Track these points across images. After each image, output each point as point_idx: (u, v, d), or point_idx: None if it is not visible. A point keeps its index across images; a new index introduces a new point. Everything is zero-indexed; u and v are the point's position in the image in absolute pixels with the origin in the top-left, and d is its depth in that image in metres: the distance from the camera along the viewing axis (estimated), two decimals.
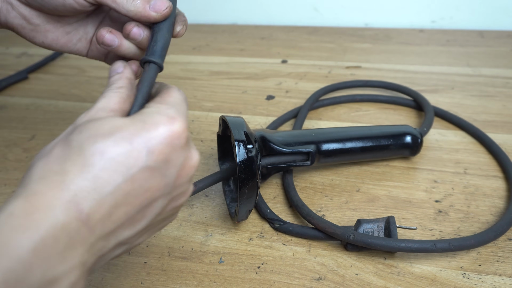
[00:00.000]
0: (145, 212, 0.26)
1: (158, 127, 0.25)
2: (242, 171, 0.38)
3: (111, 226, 0.24)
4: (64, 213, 0.22)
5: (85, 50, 0.42)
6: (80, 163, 0.23)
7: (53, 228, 0.21)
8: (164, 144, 0.25)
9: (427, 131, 0.55)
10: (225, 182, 0.48)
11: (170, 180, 0.26)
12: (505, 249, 0.41)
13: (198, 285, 0.39)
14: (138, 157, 0.24)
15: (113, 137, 0.24)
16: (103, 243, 0.24)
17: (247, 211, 0.42)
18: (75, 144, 0.24)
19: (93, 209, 0.23)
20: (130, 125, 0.25)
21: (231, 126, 0.40)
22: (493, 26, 0.93)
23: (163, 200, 0.27)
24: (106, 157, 0.23)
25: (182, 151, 0.26)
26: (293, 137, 0.47)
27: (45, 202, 0.21)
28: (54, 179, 0.22)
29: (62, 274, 0.21)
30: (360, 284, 0.38)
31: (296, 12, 1.02)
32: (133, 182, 0.24)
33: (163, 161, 0.25)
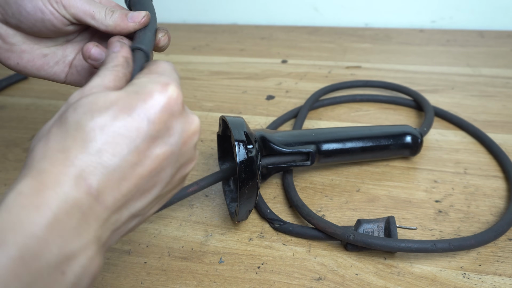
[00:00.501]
0: (155, 181, 0.26)
1: (153, 95, 0.25)
2: (242, 171, 0.38)
3: (122, 199, 0.24)
4: (74, 189, 0.21)
5: (63, 74, 0.41)
6: (80, 139, 0.23)
7: (65, 204, 0.21)
8: (163, 112, 0.25)
9: (427, 131, 0.55)
10: (225, 182, 0.48)
11: (175, 148, 0.26)
12: (505, 249, 0.41)
13: (198, 285, 0.39)
14: (139, 128, 0.24)
15: (110, 111, 0.23)
16: (116, 216, 0.24)
17: (247, 211, 0.42)
18: (71, 121, 0.23)
19: (102, 183, 0.22)
20: (125, 97, 0.24)
21: (231, 126, 0.40)
22: (493, 26, 0.93)
23: (171, 169, 0.26)
24: (107, 131, 0.23)
25: (181, 116, 0.26)
26: (293, 137, 0.47)
27: (52, 179, 0.21)
28: (58, 156, 0.22)
29: (78, 249, 0.21)
30: (360, 284, 0.38)
31: (296, 12, 1.02)
32: (138, 153, 0.24)
33: (165, 129, 0.25)
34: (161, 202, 0.29)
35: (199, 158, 0.56)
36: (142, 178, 0.24)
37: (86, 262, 0.21)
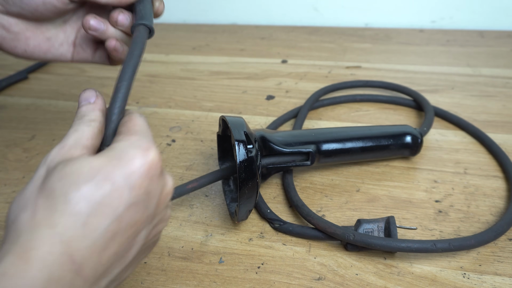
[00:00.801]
0: (131, 245, 0.26)
1: (134, 161, 0.25)
2: (242, 171, 0.38)
3: (101, 269, 0.24)
4: (59, 267, 0.22)
5: (69, 53, 0.42)
6: (68, 213, 0.23)
7: (48, 282, 0.21)
8: (143, 178, 0.25)
9: (427, 131, 0.55)
10: (225, 182, 0.48)
11: (151, 210, 0.26)
12: (505, 249, 0.41)
13: (198, 285, 0.39)
14: (121, 196, 0.24)
15: (95, 180, 0.24)
16: (95, 286, 0.24)
17: (247, 211, 0.42)
18: (58, 193, 0.23)
19: (85, 257, 0.23)
20: (108, 164, 0.24)
21: (231, 126, 0.40)
22: (493, 26, 0.93)
23: (146, 230, 0.27)
24: (92, 202, 0.23)
25: (159, 180, 0.27)
26: (293, 137, 0.47)
27: (40, 257, 0.21)
28: (46, 232, 0.22)
29: None
30: (360, 284, 0.38)
31: (296, 12, 1.02)
32: (119, 222, 0.24)
33: (144, 194, 0.25)
34: (136, 263, 0.29)
35: (199, 158, 0.56)
36: (121, 245, 0.25)
37: None
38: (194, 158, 0.56)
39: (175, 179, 0.52)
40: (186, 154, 0.57)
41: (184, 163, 0.55)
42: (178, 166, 0.54)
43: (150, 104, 0.69)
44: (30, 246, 0.22)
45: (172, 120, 0.64)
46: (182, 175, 0.53)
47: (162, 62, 0.85)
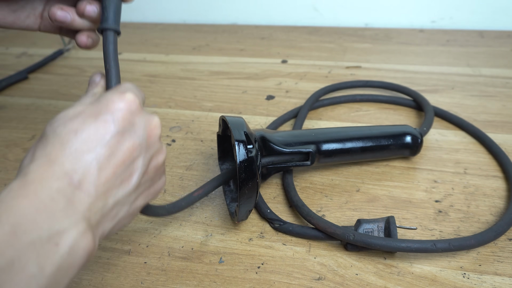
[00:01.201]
0: (131, 171, 0.30)
1: (114, 101, 0.29)
2: (242, 171, 0.38)
3: (102, 187, 0.27)
4: (57, 181, 0.25)
5: (36, 25, 0.43)
6: (59, 144, 0.27)
7: (50, 192, 0.25)
8: (124, 111, 0.29)
9: (427, 131, 0.55)
10: None
11: (141, 139, 0.30)
12: (505, 249, 0.41)
13: (198, 285, 0.39)
14: (106, 127, 0.28)
15: (79, 118, 0.28)
16: (101, 202, 0.28)
17: (247, 211, 0.42)
18: (49, 132, 0.28)
19: (81, 174, 0.26)
20: (90, 106, 0.29)
21: (231, 126, 0.40)
22: (493, 26, 0.93)
23: (143, 159, 0.30)
24: (80, 133, 0.27)
25: (141, 114, 0.31)
26: (293, 137, 0.47)
27: (38, 176, 0.25)
28: (42, 160, 0.26)
29: (68, 226, 0.25)
30: (360, 284, 0.38)
31: (296, 12, 1.02)
32: (110, 147, 0.28)
33: (129, 125, 0.29)
34: (145, 194, 0.33)
35: (199, 158, 0.56)
36: (117, 167, 0.28)
37: (77, 236, 0.25)
38: (194, 158, 0.56)
39: (175, 179, 0.52)
40: (186, 154, 0.57)
41: (184, 163, 0.55)
42: (178, 166, 0.54)
43: (150, 104, 0.69)
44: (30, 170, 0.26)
45: (172, 120, 0.64)
46: (182, 175, 0.53)
47: (162, 62, 0.85)
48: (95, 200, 0.27)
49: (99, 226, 0.28)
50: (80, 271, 0.27)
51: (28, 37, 1.02)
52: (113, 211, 0.29)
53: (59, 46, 0.92)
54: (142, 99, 0.33)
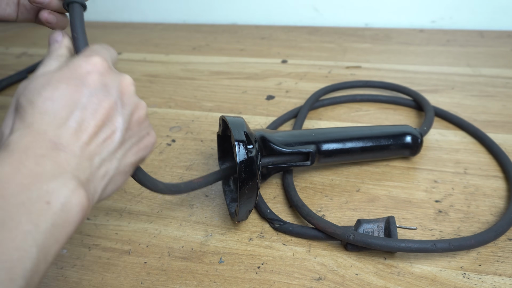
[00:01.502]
0: (111, 128, 0.30)
1: (81, 65, 0.30)
2: (242, 171, 0.38)
3: (86, 147, 0.28)
4: (41, 149, 0.26)
5: (15, 13, 0.43)
6: (38, 113, 0.27)
7: (35, 158, 0.25)
8: (92, 74, 0.30)
9: (427, 130, 0.55)
10: (225, 182, 0.48)
11: (116, 97, 0.31)
12: (505, 249, 0.41)
13: (198, 285, 0.39)
14: (79, 91, 0.29)
15: (51, 84, 0.28)
16: (88, 162, 0.28)
17: (247, 211, 0.42)
18: (24, 103, 0.28)
19: (63, 138, 0.27)
20: (59, 72, 0.29)
21: (231, 126, 0.40)
22: (493, 26, 0.93)
23: (122, 115, 0.31)
24: (54, 100, 0.28)
25: (111, 74, 0.31)
26: (293, 137, 0.47)
27: (22, 147, 0.26)
28: (23, 132, 0.27)
29: (58, 186, 0.25)
30: (360, 284, 0.38)
31: (296, 12, 1.02)
32: (86, 109, 0.29)
33: (101, 86, 0.30)
34: (136, 150, 0.33)
35: (199, 158, 0.56)
36: (97, 126, 0.29)
37: (69, 193, 0.26)
38: (194, 158, 0.56)
39: (175, 179, 0.52)
40: (186, 154, 0.57)
41: (184, 163, 0.55)
42: (178, 166, 0.54)
43: (150, 104, 0.69)
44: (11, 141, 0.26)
45: (172, 120, 0.64)
46: (182, 175, 0.53)
47: (162, 62, 0.85)
48: (81, 159, 0.28)
49: (90, 184, 0.29)
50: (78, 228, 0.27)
51: (28, 37, 1.02)
52: (102, 169, 0.30)
53: None
54: (112, 59, 0.33)
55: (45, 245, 0.24)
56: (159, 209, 0.48)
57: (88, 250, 0.43)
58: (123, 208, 0.48)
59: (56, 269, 0.41)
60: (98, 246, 0.43)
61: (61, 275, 0.41)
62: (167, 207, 0.48)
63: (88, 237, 0.45)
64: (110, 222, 0.46)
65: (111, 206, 0.49)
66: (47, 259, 0.24)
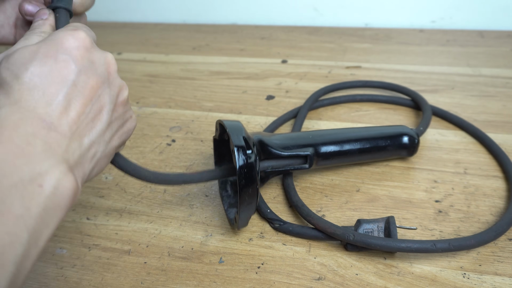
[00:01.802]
0: (99, 108, 0.30)
1: (67, 39, 0.29)
2: (242, 177, 0.37)
3: (74, 126, 0.28)
4: (31, 126, 0.25)
5: (11, 36, 0.42)
6: (25, 89, 0.26)
7: (25, 137, 0.25)
8: (81, 50, 0.29)
9: (424, 130, 0.55)
10: (222, 187, 0.48)
11: (103, 76, 0.30)
12: (505, 249, 0.41)
13: (198, 285, 0.39)
14: (68, 67, 0.28)
15: (37, 59, 0.27)
16: (76, 143, 0.28)
17: (248, 217, 0.41)
18: (10, 79, 0.27)
19: (53, 116, 0.26)
20: (44, 45, 0.28)
21: (229, 131, 0.39)
22: (493, 26, 0.93)
23: (109, 95, 0.31)
24: (42, 75, 0.27)
25: (96, 51, 0.31)
26: (290, 140, 0.46)
27: (11, 124, 0.25)
28: (12, 108, 0.26)
29: (49, 167, 0.25)
30: (360, 284, 0.38)
31: (296, 12, 1.02)
32: (75, 86, 0.28)
33: (88, 62, 0.29)
34: (120, 133, 0.33)
35: (199, 158, 0.56)
36: (86, 105, 0.28)
37: (60, 176, 0.25)
38: (194, 158, 0.56)
39: None
40: (186, 154, 0.57)
41: (184, 163, 0.55)
42: (178, 166, 0.54)
43: (150, 104, 0.69)
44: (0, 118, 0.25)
45: (172, 120, 0.64)
46: None
47: (162, 62, 0.85)
48: (71, 141, 0.27)
49: (79, 167, 0.28)
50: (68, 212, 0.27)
51: None
52: (91, 151, 0.29)
53: None
54: (93, 38, 0.33)
55: (36, 229, 0.23)
56: (159, 209, 0.48)
57: (88, 250, 0.43)
58: (123, 208, 0.48)
59: (56, 269, 0.41)
60: (98, 246, 0.43)
61: (61, 275, 0.41)
62: (167, 207, 0.48)
63: (88, 237, 0.45)
64: (110, 222, 0.46)
65: (111, 206, 0.49)
66: (38, 244, 0.24)
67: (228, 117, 0.65)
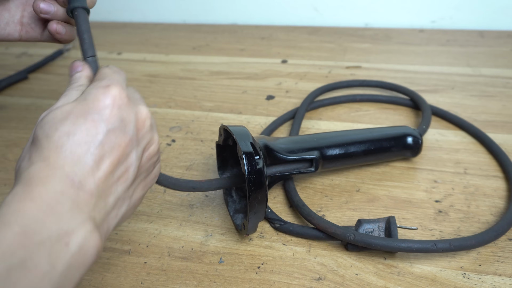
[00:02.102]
0: (126, 166, 0.30)
1: (99, 98, 0.29)
2: (252, 184, 0.37)
3: (102, 185, 0.28)
4: (60, 184, 0.26)
5: (17, 33, 0.43)
6: (54, 147, 0.27)
7: (54, 195, 0.25)
8: (112, 108, 0.29)
9: (427, 129, 0.55)
10: (227, 192, 0.47)
11: (132, 134, 0.31)
12: (505, 249, 0.41)
13: (198, 285, 0.39)
14: (97, 127, 0.28)
15: (69, 119, 0.28)
16: (103, 201, 0.28)
17: (257, 223, 0.41)
18: (41, 136, 0.28)
19: (80, 176, 0.27)
20: (77, 106, 0.29)
21: (236, 138, 0.39)
22: (493, 26, 0.93)
23: (135, 152, 0.31)
24: (72, 136, 0.28)
25: (129, 108, 0.31)
26: (295, 144, 0.46)
27: (40, 180, 0.26)
28: (41, 165, 0.27)
29: (76, 226, 0.25)
30: (360, 284, 0.38)
31: (296, 12, 1.02)
32: (103, 146, 0.28)
33: (118, 121, 0.30)
34: (143, 185, 0.34)
35: (199, 158, 0.56)
36: (113, 165, 0.29)
37: (86, 234, 0.26)
38: (194, 158, 0.56)
39: None
40: (186, 154, 0.57)
41: (184, 163, 0.55)
42: (178, 166, 0.54)
43: (150, 104, 0.69)
44: (31, 176, 0.26)
45: (172, 120, 0.64)
46: (182, 175, 0.53)
47: (162, 62, 0.85)
48: (97, 200, 0.28)
49: (104, 224, 0.29)
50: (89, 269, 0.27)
51: None
52: (115, 209, 0.30)
53: (59, 46, 0.92)
54: (125, 81, 0.33)
55: (60, 285, 0.24)
56: (159, 209, 0.48)
57: None
58: None
59: None
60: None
61: None
62: (167, 207, 0.48)
63: None
64: None
65: None
66: None
67: (228, 117, 0.65)
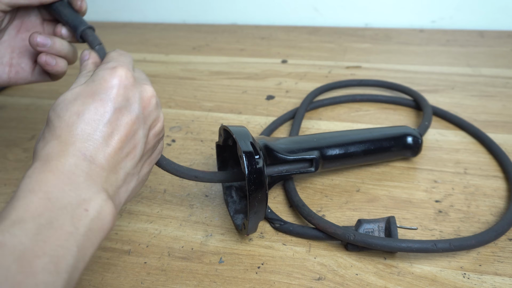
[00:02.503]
0: (134, 143, 0.32)
1: (106, 79, 0.32)
2: (252, 183, 0.37)
3: (112, 160, 0.31)
4: (73, 158, 0.29)
5: (4, 75, 0.43)
6: (65, 126, 0.30)
7: (69, 167, 0.28)
8: (118, 88, 0.32)
9: (429, 125, 0.55)
10: (227, 193, 0.47)
11: (138, 112, 0.33)
12: (505, 249, 0.41)
13: (198, 285, 0.39)
14: (105, 106, 0.31)
15: (78, 100, 0.31)
16: (114, 175, 0.31)
17: (257, 223, 0.41)
18: (53, 117, 0.30)
19: (92, 150, 0.30)
20: (86, 87, 0.32)
21: (236, 137, 0.39)
22: (493, 26, 0.93)
23: (142, 130, 0.33)
24: (81, 115, 0.30)
25: (134, 87, 0.33)
26: (295, 144, 0.46)
27: (55, 156, 0.28)
28: (54, 143, 0.29)
29: (92, 195, 0.28)
30: (360, 284, 0.38)
31: (296, 12, 1.02)
32: (111, 124, 0.31)
33: (125, 100, 0.32)
34: (149, 161, 0.36)
35: (199, 158, 0.56)
36: (121, 141, 0.31)
37: (102, 203, 0.28)
38: (194, 158, 0.56)
39: (176, 179, 0.52)
40: (186, 154, 0.57)
41: (184, 163, 0.55)
42: None
43: None
44: (46, 153, 0.29)
45: (172, 120, 0.64)
46: None
47: (162, 62, 0.85)
48: (109, 173, 0.30)
49: (116, 197, 0.31)
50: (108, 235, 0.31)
51: None
52: (125, 183, 0.32)
53: None
54: (131, 63, 0.35)
55: (83, 246, 0.26)
56: (159, 209, 0.48)
57: None
58: (123, 208, 0.48)
59: None
60: None
61: None
62: (167, 207, 0.48)
63: None
64: None
65: None
66: (85, 259, 0.27)
67: (228, 117, 0.65)
